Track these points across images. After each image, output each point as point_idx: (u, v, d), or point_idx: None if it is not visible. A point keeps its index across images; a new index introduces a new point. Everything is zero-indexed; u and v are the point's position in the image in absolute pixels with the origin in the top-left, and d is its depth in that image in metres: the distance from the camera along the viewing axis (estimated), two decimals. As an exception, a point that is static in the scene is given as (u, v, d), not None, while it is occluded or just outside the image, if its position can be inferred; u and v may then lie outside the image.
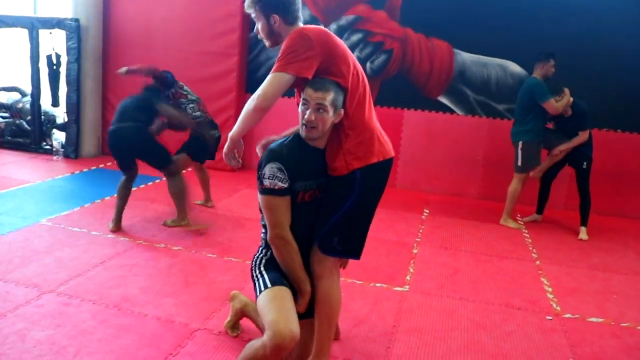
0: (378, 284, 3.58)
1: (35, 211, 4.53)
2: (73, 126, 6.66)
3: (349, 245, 2.32)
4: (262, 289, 2.20)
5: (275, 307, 2.10)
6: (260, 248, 2.38)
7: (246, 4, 2.38)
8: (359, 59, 6.15)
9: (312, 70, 2.17)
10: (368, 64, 6.24)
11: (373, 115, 2.35)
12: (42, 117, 6.99)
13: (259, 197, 2.21)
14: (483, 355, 2.79)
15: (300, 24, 2.36)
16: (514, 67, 5.95)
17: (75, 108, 6.62)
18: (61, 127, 7.08)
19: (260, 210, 2.35)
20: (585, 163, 4.97)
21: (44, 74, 6.72)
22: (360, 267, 3.80)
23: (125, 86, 6.68)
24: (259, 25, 2.39)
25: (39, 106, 6.91)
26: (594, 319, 3.32)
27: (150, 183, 5.67)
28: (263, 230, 2.36)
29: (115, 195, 4.36)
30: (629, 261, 4.45)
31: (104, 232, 4.16)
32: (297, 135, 2.27)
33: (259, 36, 2.44)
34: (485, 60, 6.01)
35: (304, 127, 2.19)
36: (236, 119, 2.32)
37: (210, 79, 6.44)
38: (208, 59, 6.44)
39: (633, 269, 4.28)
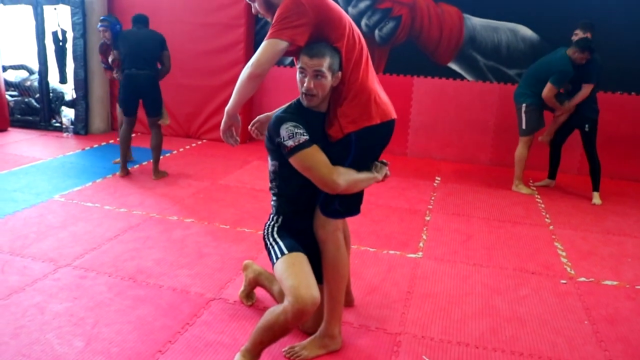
0: (391, 251, 3.58)
1: (48, 187, 4.56)
2: (81, 102, 6.65)
3: (349, 205, 2.33)
4: (279, 255, 2.20)
5: (294, 273, 2.10)
6: (271, 215, 2.37)
7: None
8: (366, 26, 6.15)
9: (306, 37, 2.15)
10: (376, 32, 6.15)
11: (371, 77, 2.30)
12: (51, 94, 7.00)
13: (291, 161, 2.14)
14: (498, 318, 2.80)
15: None
16: (525, 31, 5.83)
17: (83, 84, 6.61)
18: (70, 104, 7.09)
19: (271, 181, 2.34)
20: (587, 125, 4.86)
21: (50, 51, 6.69)
22: (373, 234, 3.81)
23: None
24: (256, 4, 2.33)
25: (47, 83, 6.90)
26: (608, 282, 3.31)
27: (160, 157, 5.66)
28: (274, 198, 2.36)
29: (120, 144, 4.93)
30: (643, 224, 4.42)
31: (117, 206, 4.18)
32: (297, 102, 2.25)
33: (259, 15, 2.39)
34: (495, 24, 5.90)
35: (303, 95, 2.17)
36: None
37: (217, 51, 6.39)
38: (214, 30, 6.38)
39: (648, 232, 4.26)
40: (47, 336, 2.43)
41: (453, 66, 6.10)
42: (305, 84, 2.14)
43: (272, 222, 2.36)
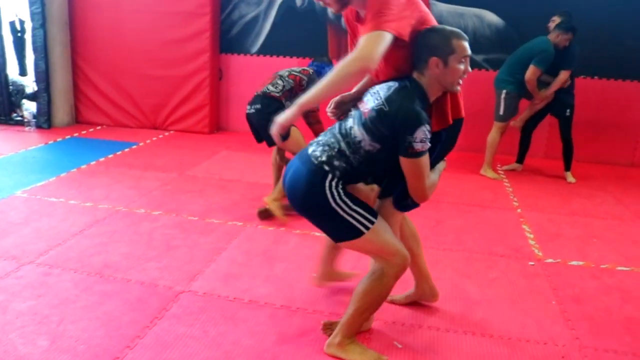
0: (362, 239, 3.58)
1: (9, 183, 4.42)
2: (43, 95, 6.45)
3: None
4: (369, 225, 2.11)
5: (391, 236, 2.21)
6: (327, 172, 2.09)
7: None
8: (332, 13, 6.07)
9: (409, 32, 2.02)
10: (343, 19, 6.10)
11: None
12: (10, 87, 6.75)
13: (405, 161, 2.04)
14: (468, 302, 2.83)
15: None
16: (491, 17, 5.87)
17: (44, 76, 6.40)
18: (31, 97, 6.86)
19: (352, 151, 2.09)
20: (568, 111, 5.00)
21: (8, 42, 6.47)
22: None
23: (95, 52, 6.51)
24: None
25: (6, 76, 6.66)
26: (574, 263, 3.37)
27: (126, 149, 5.56)
28: (340, 161, 2.10)
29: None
30: (608, 206, 4.52)
31: (82, 200, 4.08)
32: (422, 94, 2.09)
33: (322, 4, 2.25)
34: (461, 10, 5.92)
35: (458, 82, 2.14)
36: (212, 80, 2.17)
37: (182, 40, 6.25)
38: (179, 19, 6.24)
39: (612, 213, 4.35)
40: (10, 336, 2.35)
41: (420, 52, 6.10)
42: (464, 70, 2.13)
43: (335, 180, 2.09)
